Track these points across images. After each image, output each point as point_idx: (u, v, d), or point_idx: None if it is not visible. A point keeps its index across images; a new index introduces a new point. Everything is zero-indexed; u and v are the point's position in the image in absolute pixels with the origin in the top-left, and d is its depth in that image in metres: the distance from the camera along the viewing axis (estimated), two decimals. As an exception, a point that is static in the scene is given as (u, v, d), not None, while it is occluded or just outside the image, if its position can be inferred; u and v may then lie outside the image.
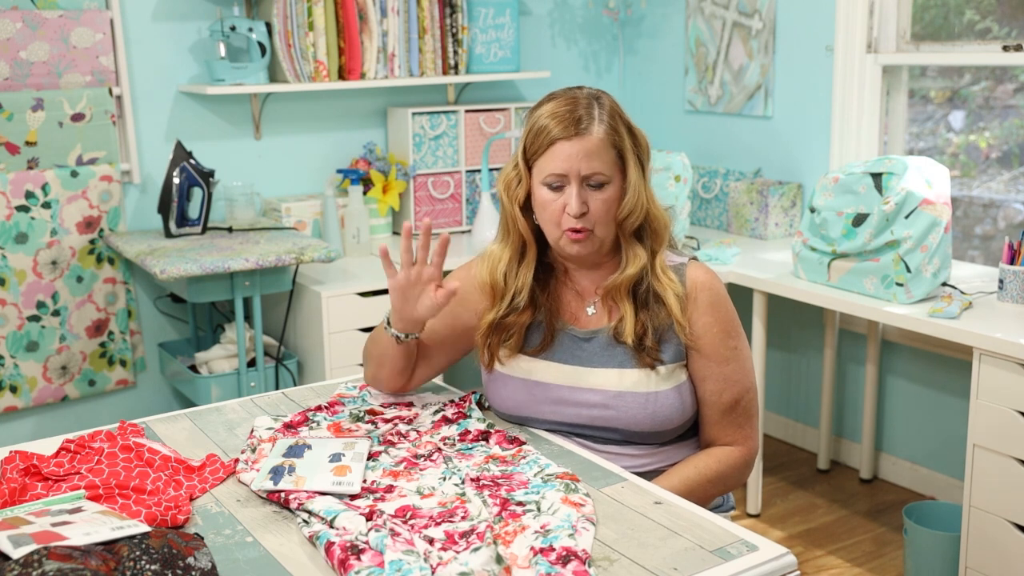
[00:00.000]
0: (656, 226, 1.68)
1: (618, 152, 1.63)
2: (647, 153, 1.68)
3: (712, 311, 1.68)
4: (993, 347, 2.29)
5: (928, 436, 3.23)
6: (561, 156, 1.61)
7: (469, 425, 1.70)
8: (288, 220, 3.35)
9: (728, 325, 1.70)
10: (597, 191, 1.62)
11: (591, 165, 1.61)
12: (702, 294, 1.68)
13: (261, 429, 1.68)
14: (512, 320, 1.71)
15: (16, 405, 3.12)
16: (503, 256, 1.73)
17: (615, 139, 1.62)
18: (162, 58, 3.27)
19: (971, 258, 3.17)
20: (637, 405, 1.65)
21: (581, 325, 1.72)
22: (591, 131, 1.61)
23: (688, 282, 1.69)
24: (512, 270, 1.71)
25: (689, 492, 1.62)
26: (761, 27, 3.51)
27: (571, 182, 1.61)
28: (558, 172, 1.61)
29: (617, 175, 1.64)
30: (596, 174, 1.61)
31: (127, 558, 1.17)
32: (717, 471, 1.68)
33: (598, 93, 1.67)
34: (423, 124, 3.54)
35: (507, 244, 1.73)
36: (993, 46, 2.94)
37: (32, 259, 3.09)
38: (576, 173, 1.61)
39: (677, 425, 1.68)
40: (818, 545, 2.98)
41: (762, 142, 3.60)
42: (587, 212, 1.62)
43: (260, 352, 3.00)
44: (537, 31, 3.93)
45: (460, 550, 1.27)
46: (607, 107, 1.64)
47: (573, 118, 1.61)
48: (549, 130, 1.62)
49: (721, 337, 1.68)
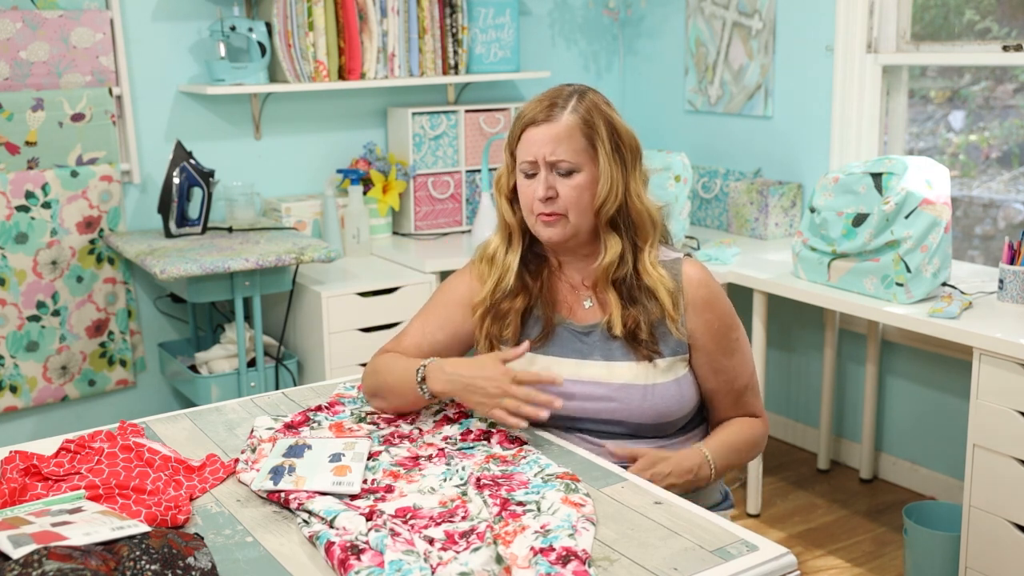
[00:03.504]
0: (638, 220, 1.70)
1: (589, 141, 1.66)
2: (632, 150, 1.70)
3: (712, 307, 1.72)
4: (993, 347, 2.29)
5: (928, 436, 3.23)
6: (530, 141, 1.67)
7: (471, 424, 1.70)
8: (288, 220, 3.35)
9: (728, 318, 1.74)
10: (566, 178, 1.66)
11: (556, 151, 1.65)
12: (700, 290, 1.71)
13: (261, 429, 1.68)
14: (506, 307, 1.73)
15: (16, 405, 3.12)
16: (493, 243, 1.80)
17: (585, 128, 1.66)
18: (162, 58, 3.27)
19: (971, 258, 3.17)
20: (638, 397, 1.67)
21: (579, 319, 1.74)
22: (559, 118, 1.65)
23: (684, 278, 1.71)
24: (500, 254, 1.77)
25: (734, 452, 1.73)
26: (761, 27, 3.51)
27: (540, 167, 1.66)
28: (527, 158, 1.67)
29: (588, 163, 1.67)
30: (562, 160, 1.65)
31: (127, 558, 1.17)
32: (752, 435, 1.78)
33: (586, 89, 1.71)
34: (423, 124, 3.54)
35: (498, 233, 1.79)
36: (993, 46, 2.94)
37: (32, 259, 3.09)
38: (543, 158, 1.66)
39: (678, 417, 1.70)
40: (818, 545, 2.98)
41: (762, 142, 3.60)
42: (555, 197, 1.66)
43: (260, 352, 3.00)
44: (537, 31, 3.93)
45: (460, 550, 1.27)
46: (587, 100, 1.68)
47: (546, 105, 1.67)
48: (523, 116, 1.69)
49: (724, 331, 1.73)
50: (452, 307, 1.80)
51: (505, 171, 1.75)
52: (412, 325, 1.82)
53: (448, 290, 1.82)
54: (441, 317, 1.80)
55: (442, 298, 1.82)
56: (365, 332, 3.07)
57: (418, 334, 1.80)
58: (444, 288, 1.84)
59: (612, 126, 1.68)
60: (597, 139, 1.66)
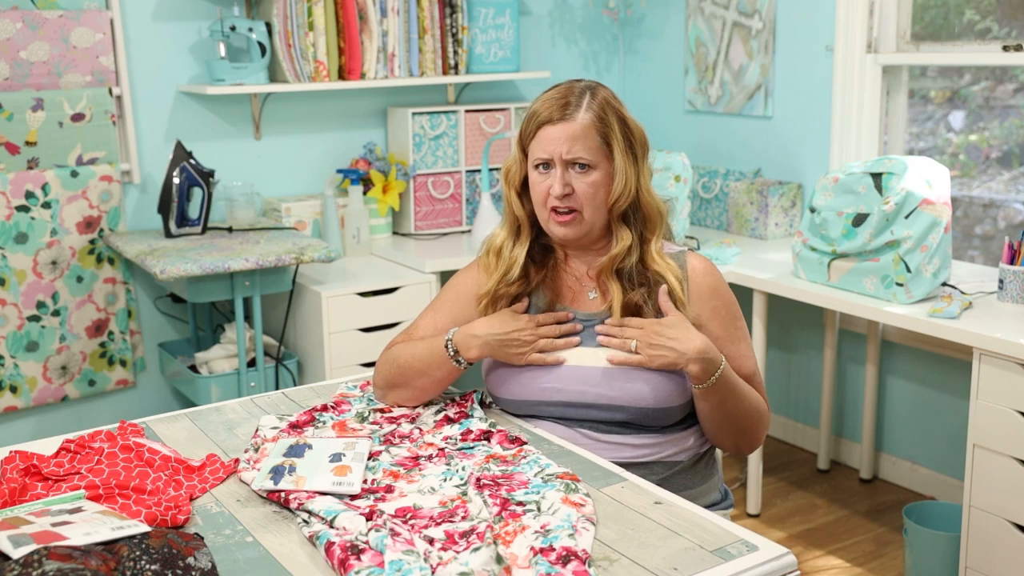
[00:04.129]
0: (648, 213, 1.73)
1: (604, 139, 1.69)
2: (642, 144, 1.74)
3: (717, 296, 1.76)
4: (993, 347, 2.29)
5: (928, 436, 3.23)
6: (546, 139, 1.69)
7: (471, 424, 1.70)
8: (288, 220, 3.35)
9: (733, 308, 1.78)
10: (582, 174, 1.69)
11: (574, 149, 1.67)
12: (706, 279, 1.76)
13: (266, 428, 1.68)
14: (502, 291, 1.76)
15: (16, 405, 3.12)
16: (500, 235, 1.82)
17: (601, 126, 1.68)
18: (162, 58, 3.27)
19: (971, 258, 3.17)
20: (640, 381, 1.68)
21: (584, 309, 1.77)
22: (576, 117, 1.68)
23: (689, 269, 1.76)
24: (507, 247, 1.79)
25: (743, 388, 1.71)
26: (761, 27, 3.51)
27: (556, 165, 1.69)
28: (543, 155, 1.69)
29: (603, 161, 1.70)
30: (579, 158, 1.68)
31: (127, 558, 1.17)
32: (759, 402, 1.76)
33: (596, 85, 1.74)
34: (423, 124, 3.54)
35: (505, 225, 1.81)
36: (993, 46, 2.94)
37: (32, 259, 3.09)
38: (559, 156, 1.68)
39: (679, 404, 1.70)
40: (818, 545, 2.98)
41: (762, 142, 3.60)
42: (571, 194, 1.69)
43: (260, 352, 3.00)
44: (537, 31, 3.93)
45: (460, 550, 1.27)
46: (599, 97, 1.71)
47: (560, 104, 1.69)
48: (538, 114, 1.71)
49: (729, 319, 1.76)
50: (462, 301, 1.82)
51: (516, 165, 1.77)
52: (422, 319, 1.85)
53: (457, 284, 1.86)
54: (452, 310, 1.83)
55: (451, 293, 1.85)
56: (365, 332, 3.07)
57: (430, 327, 1.82)
58: (453, 283, 1.87)
59: (624, 123, 1.71)
60: (612, 137, 1.69)
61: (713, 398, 1.68)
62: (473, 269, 1.85)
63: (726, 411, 1.70)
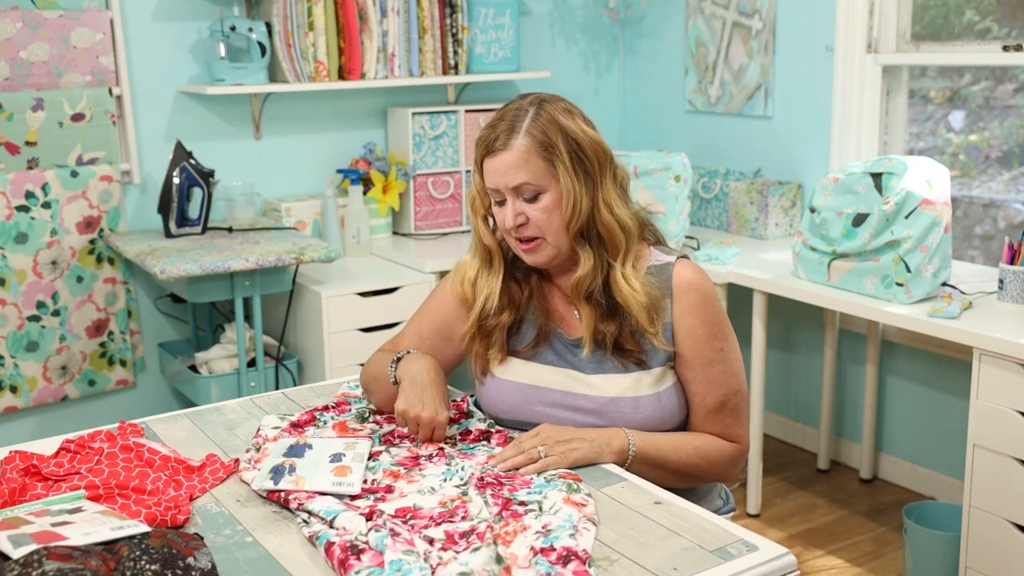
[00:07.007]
0: (609, 232, 1.64)
1: (547, 161, 1.61)
2: (598, 157, 1.63)
3: (697, 312, 1.66)
4: (993, 347, 2.29)
5: (928, 436, 3.23)
6: (490, 171, 1.64)
7: (471, 425, 1.70)
8: (288, 220, 3.35)
9: (714, 327, 1.67)
10: (533, 202, 1.62)
11: (516, 177, 1.60)
12: (688, 295, 1.66)
13: (268, 428, 1.68)
14: (491, 323, 1.72)
15: (16, 405, 3.12)
16: (472, 265, 1.75)
17: (541, 149, 1.60)
18: (162, 58, 3.27)
19: (971, 258, 3.17)
20: (628, 410, 1.65)
21: (570, 331, 1.72)
22: (513, 144, 1.60)
23: (674, 281, 1.67)
24: (482, 278, 1.73)
25: (668, 444, 1.62)
26: (761, 27, 3.51)
27: (506, 196, 1.63)
28: (492, 187, 1.64)
29: (553, 182, 1.61)
30: (524, 185, 1.61)
31: (127, 558, 1.17)
32: (705, 447, 1.66)
33: (542, 100, 1.65)
34: (423, 124, 3.54)
35: (475, 254, 1.75)
36: (993, 46, 2.94)
37: (32, 259, 3.09)
38: (505, 186, 1.62)
39: (671, 428, 1.68)
40: (818, 545, 2.98)
41: (762, 142, 3.59)
42: (526, 223, 1.63)
43: (260, 352, 3.00)
44: (537, 31, 3.93)
45: (460, 550, 1.27)
46: (543, 116, 1.61)
47: (492, 136, 1.63)
48: (479, 142, 1.65)
49: (706, 339, 1.66)
50: (444, 311, 1.79)
51: (477, 193, 1.70)
52: (408, 327, 1.83)
53: (439, 295, 1.82)
54: (435, 322, 1.80)
55: (434, 303, 1.82)
56: (365, 332, 3.07)
57: (414, 336, 1.80)
58: (436, 293, 1.83)
59: (571, 139, 1.61)
60: (555, 157, 1.60)
61: (638, 469, 1.60)
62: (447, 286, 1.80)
63: (659, 477, 1.61)
